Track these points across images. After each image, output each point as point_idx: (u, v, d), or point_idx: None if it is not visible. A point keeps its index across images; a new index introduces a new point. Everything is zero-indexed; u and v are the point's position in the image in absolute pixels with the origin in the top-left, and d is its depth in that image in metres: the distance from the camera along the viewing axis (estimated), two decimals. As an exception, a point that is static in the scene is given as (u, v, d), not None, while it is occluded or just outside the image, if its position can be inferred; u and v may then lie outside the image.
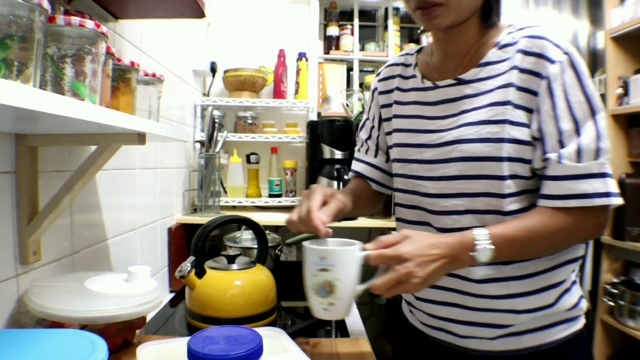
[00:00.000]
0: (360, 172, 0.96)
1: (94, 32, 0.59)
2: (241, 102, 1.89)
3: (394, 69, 0.90)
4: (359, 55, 2.21)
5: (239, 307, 0.91)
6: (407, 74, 0.86)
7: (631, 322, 1.86)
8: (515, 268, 0.71)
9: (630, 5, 1.93)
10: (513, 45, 0.71)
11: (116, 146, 0.74)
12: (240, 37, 2.12)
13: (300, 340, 0.81)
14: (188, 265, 0.90)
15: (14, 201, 0.73)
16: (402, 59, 0.89)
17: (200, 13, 1.06)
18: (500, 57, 0.72)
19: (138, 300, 0.72)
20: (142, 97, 0.89)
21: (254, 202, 1.87)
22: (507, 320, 0.73)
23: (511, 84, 0.69)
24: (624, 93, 2.00)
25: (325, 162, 1.70)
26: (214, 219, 0.96)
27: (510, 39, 0.72)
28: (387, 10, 2.26)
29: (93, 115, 0.54)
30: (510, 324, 0.73)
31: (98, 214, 1.01)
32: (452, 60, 0.79)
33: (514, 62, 0.70)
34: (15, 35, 0.45)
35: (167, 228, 1.49)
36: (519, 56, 0.69)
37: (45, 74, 0.56)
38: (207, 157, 1.66)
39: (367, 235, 2.13)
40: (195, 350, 0.48)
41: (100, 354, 0.50)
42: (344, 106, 2.01)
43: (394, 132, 0.85)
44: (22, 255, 0.74)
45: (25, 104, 0.41)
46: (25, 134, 0.73)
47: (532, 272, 0.71)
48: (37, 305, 0.66)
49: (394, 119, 0.86)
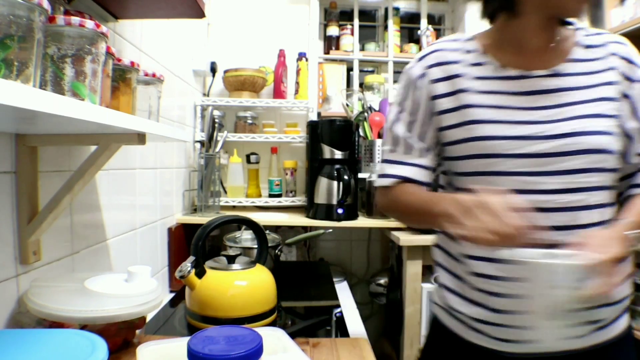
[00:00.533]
0: (409, 177, 0.80)
1: (94, 32, 0.59)
2: (241, 102, 1.89)
3: (448, 55, 0.79)
4: (359, 55, 2.21)
5: (238, 307, 0.91)
6: (474, 61, 0.78)
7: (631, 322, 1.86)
8: None
9: (630, 5, 1.93)
10: (600, 48, 0.75)
11: (116, 146, 0.74)
12: (240, 37, 2.12)
13: (300, 340, 0.81)
14: (188, 265, 0.90)
15: (14, 201, 0.73)
16: (457, 44, 0.80)
17: (200, 13, 1.06)
18: (590, 56, 0.75)
19: (138, 300, 0.72)
20: (142, 97, 0.89)
21: (254, 202, 1.87)
22: (600, 315, 0.71)
23: (611, 82, 0.73)
24: (624, 93, 2.00)
25: (325, 162, 1.70)
26: (214, 219, 0.96)
27: (594, 41, 0.76)
28: (387, 10, 2.26)
29: (93, 115, 0.54)
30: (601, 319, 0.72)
31: (98, 214, 1.01)
32: (535, 52, 0.76)
33: (609, 63, 0.74)
34: (15, 35, 0.45)
35: (167, 228, 1.49)
36: (613, 59, 0.74)
37: (45, 74, 0.56)
38: (207, 157, 1.66)
39: (367, 235, 2.13)
40: (195, 350, 0.48)
41: (100, 354, 0.50)
42: (344, 106, 2.01)
43: (471, 124, 0.74)
44: (22, 255, 0.74)
45: (25, 104, 0.41)
46: (25, 134, 0.73)
47: None
48: (37, 305, 0.66)
49: (468, 109, 0.75)
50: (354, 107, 2.07)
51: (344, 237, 2.14)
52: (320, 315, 1.04)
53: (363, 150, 1.89)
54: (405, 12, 2.35)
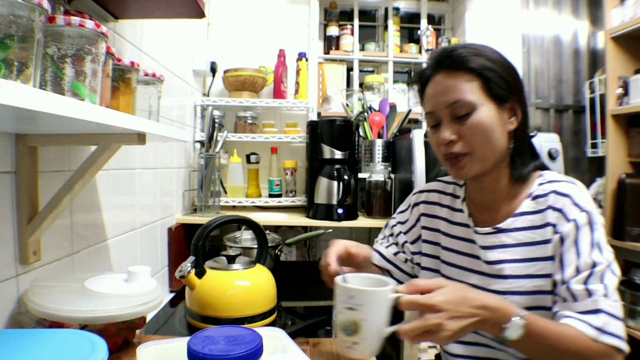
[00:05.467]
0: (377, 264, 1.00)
1: (94, 32, 0.59)
2: (241, 102, 1.89)
3: (442, 198, 0.95)
4: (359, 55, 2.21)
5: (238, 307, 0.91)
6: (455, 206, 0.92)
7: (631, 322, 1.86)
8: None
9: (630, 5, 1.93)
10: (544, 198, 0.78)
11: (116, 146, 0.74)
12: (240, 37, 2.12)
13: (300, 340, 0.81)
14: (188, 265, 0.90)
15: (14, 201, 0.73)
16: (451, 188, 0.95)
17: (200, 13, 1.06)
18: (534, 207, 0.78)
19: (138, 300, 0.72)
20: (142, 97, 0.89)
21: (254, 202, 1.87)
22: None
23: (549, 240, 0.75)
24: (624, 93, 2.00)
25: (325, 162, 1.70)
26: (214, 219, 0.96)
27: (542, 191, 0.78)
28: (387, 10, 2.26)
29: (93, 115, 0.54)
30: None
31: (98, 214, 1.01)
32: (487, 209, 0.85)
33: (547, 218, 0.76)
34: (15, 35, 0.45)
35: (167, 228, 1.49)
36: (549, 212, 0.76)
37: (45, 74, 0.56)
38: (207, 157, 1.66)
39: (367, 234, 2.13)
40: (195, 350, 0.48)
41: (100, 354, 0.50)
42: (344, 106, 2.01)
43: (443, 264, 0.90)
44: (22, 255, 0.74)
45: (25, 104, 0.41)
46: (25, 134, 0.73)
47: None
48: (37, 305, 0.66)
49: (443, 251, 0.90)
50: (354, 107, 2.07)
51: (344, 237, 2.13)
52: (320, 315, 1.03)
53: (363, 150, 1.89)
54: (405, 12, 2.35)
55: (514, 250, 0.79)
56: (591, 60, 2.41)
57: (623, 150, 2.04)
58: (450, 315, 0.62)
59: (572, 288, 0.70)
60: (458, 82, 0.76)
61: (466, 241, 0.86)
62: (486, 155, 0.77)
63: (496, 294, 0.78)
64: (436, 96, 0.79)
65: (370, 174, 1.76)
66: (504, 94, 0.77)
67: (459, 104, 0.76)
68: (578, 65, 2.41)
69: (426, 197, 0.98)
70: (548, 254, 0.75)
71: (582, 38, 2.41)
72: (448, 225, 0.91)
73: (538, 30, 2.36)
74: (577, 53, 2.41)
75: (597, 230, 0.73)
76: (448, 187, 0.96)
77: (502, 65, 0.78)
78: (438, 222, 0.93)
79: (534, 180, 0.81)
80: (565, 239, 0.73)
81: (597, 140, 2.22)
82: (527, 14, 2.35)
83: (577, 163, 2.39)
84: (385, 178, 1.72)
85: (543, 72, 2.37)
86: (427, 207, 0.96)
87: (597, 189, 2.15)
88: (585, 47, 2.41)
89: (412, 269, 0.99)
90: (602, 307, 0.68)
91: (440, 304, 0.62)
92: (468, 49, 0.78)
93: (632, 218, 1.90)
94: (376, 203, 1.72)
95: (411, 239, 0.98)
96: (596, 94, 2.23)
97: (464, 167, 0.78)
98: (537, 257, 0.76)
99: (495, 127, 0.77)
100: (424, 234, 0.96)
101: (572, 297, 0.70)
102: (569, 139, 2.39)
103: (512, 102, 0.79)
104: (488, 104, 0.76)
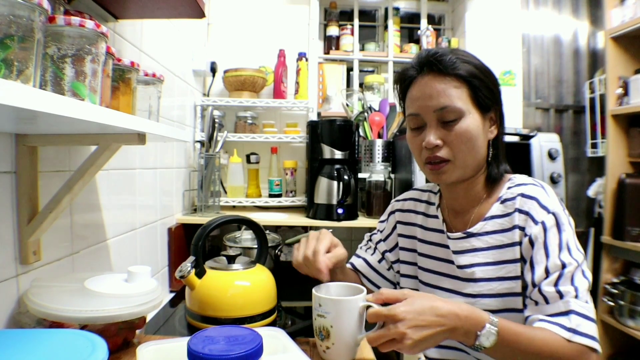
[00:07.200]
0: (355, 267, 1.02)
1: (94, 32, 0.59)
2: (241, 102, 1.89)
3: (417, 205, 0.96)
4: (359, 55, 2.21)
5: (238, 307, 0.91)
6: (430, 213, 0.93)
7: (631, 322, 1.86)
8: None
9: (630, 5, 1.93)
10: (512, 201, 0.79)
11: (116, 146, 0.74)
12: (240, 37, 2.12)
13: (300, 340, 0.81)
14: (188, 265, 0.90)
15: (14, 201, 0.73)
16: (426, 196, 0.96)
17: (200, 13, 1.06)
18: (503, 211, 0.80)
19: (138, 300, 0.72)
20: (142, 97, 0.89)
21: (254, 202, 1.87)
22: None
23: (517, 243, 0.76)
24: (624, 93, 2.00)
25: (325, 162, 1.70)
26: (214, 219, 0.96)
27: (510, 195, 0.80)
28: (387, 10, 2.26)
29: (93, 115, 0.54)
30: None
31: (98, 214, 1.01)
32: (459, 214, 0.86)
33: (515, 220, 0.77)
34: (15, 35, 0.45)
35: (167, 228, 1.49)
36: (517, 215, 0.77)
37: (45, 74, 0.56)
38: (207, 157, 1.66)
39: (367, 235, 2.13)
40: (195, 350, 0.48)
41: (100, 354, 0.50)
42: (344, 106, 2.01)
43: (420, 270, 0.91)
44: (22, 255, 0.74)
45: (25, 104, 0.41)
46: (25, 134, 0.73)
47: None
48: (37, 305, 0.66)
49: (420, 257, 0.91)
50: (354, 107, 2.07)
51: (343, 237, 2.14)
52: (320, 315, 1.03)
53: (363, 150, 1.89)
54: (405, 12, 2.35)
55: (484, 253, 0.80)
56: (591, 60, 2.41)
57: (623, 150, 2.04)
58: (412, 324, 0.62)
59: (543, 290, 0.71)
60: (447, 87, 0.76)
61: (441, 246, 0.87)
62: (467, 163, 0.78)
63: (468, 297, 0.79)
64: (424, 99, 0.78)
65: (370, 174, 1.76)
66: (488, 103, 0.78)
67: (448, 109, 0.76)
68: (578, 65, 2.41)
69: (401, 206, 0.99)
70: (517, 256, 0.76)
71: (582, 38, 2.41)
72: (423, 232, 0.92)
73: (538, 30, 2.36)
74: (577, 53, 2.41)
75: (564, 231, 0.73)
76: (423, 195, 0.97)
77: (488, 74, 0.79)
78: (414, 229, 0.94)
79: (504, 184, 0.82)
80: (535, 242, 0.74)
81: (597, 140, 2.22)
82: (527, 14, 2.35)
83: (577, 163, 2.39)
84: (385, 178, 1.72)
85: (543, 72, 2.37)
86: (403, 214, 0.97)
87: (597, 189, 2.15)
88: (585, 47, 2.41)
89: (394, 276, 0.99)
90: (573, 308, 0.68)
91: (402, 313, 0.63)
92: (457, 55, 0.78)
93: (632, 218, 1.90)
94: (376, 203, 1.72)
95: (389, 247, 0.99)
96: (596, 94, 2.23)
97: (445, 173, 0.79)
98: (506, 259, 0.77)
99: (479, 135, 0.78)
100: (401, 241, 0.96)
101: (543, 299, 0.71)
102: (569, 139, 2.39)
103: (494, 111, 0.81)
104: (474, 113, 0.77)
